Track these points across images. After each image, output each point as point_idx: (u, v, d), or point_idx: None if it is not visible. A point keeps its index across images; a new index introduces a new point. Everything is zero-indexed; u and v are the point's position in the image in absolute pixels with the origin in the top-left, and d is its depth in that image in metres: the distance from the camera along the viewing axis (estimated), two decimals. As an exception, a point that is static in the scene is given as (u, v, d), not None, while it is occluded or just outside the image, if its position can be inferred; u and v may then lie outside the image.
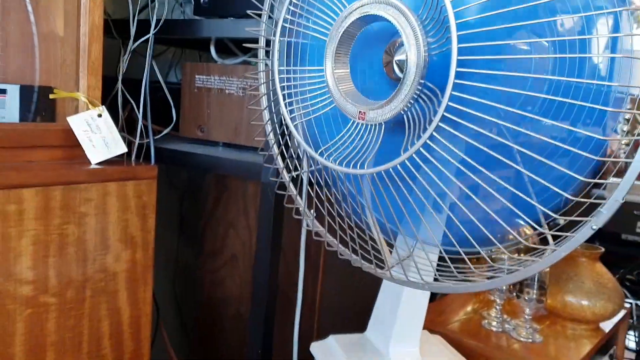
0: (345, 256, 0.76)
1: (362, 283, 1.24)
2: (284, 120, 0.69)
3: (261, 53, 0.80)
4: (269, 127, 0.82)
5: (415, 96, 0.57)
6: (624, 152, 0.58)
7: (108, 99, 1.03)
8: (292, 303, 1.11)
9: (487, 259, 0.60)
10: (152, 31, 1.02)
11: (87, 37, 0.88)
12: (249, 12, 0.78)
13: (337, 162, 0.65)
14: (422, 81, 0.56)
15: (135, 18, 1.03)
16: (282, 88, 0.69)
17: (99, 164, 0.89)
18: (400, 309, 0.83)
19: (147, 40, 1.03)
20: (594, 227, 0.53)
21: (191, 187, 1.44)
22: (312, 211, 0.77)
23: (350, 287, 1.25)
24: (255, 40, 1.07)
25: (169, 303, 1.47)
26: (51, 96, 0.90)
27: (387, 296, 0.87)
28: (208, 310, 1.31)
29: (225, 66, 1.09)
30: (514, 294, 1.12)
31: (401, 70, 0.62)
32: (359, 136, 0.64)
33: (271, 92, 0.78)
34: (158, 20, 1.02)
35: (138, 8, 1.06)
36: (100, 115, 0.90)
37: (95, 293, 0.86)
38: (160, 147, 1.05)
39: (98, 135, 0.89)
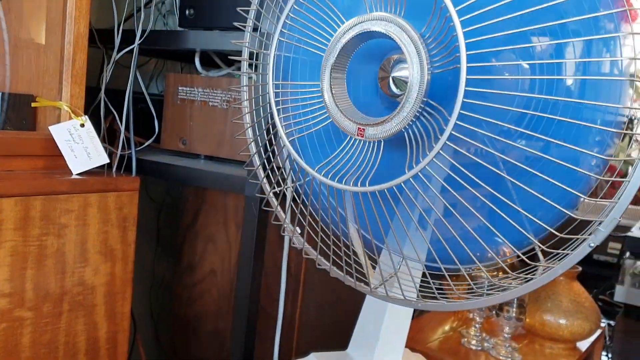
0: (336, 275, 0.75)
1: (343, 299, 1.23)
2: (280, 136, 0.68)
3: (244, 66, 0.79)
4: (253, 142, 0.82)
5: (417, 114, 0.57)
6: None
7: (90, 109, 1.02)
8: (271, 318, 1.10)
9: (486, 274, 0.60)
10: (137, 42, 1.01)
11: (72, 46, 0.87)
12: (235, 24, 0.78)
13: (336, 180, 0.64)
14: (425, 99, 0.57)
15: (121, 28, 1.02)
16: (277, 103, 0.69)
17: (80, 174, 0.87)
18: (384, 326, 0.83)
19: (130, 51, 1.02)
20: (592, 244, 0.54)
21: (169, 200, 1.43)
22: (297, 228, 0.76)
23: (331, 303, 1.24)
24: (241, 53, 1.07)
25: (145, 318, 1.44)
26: (33, 104, 0.88)
27: (371, 312, 0.86)
28: (185, 326, 1.29)
29: (210, 78, 1.08)
30: (493, 312, 1.12)
31: (397, 87, 0.62)
32: (356, 153, 0.64)
33: (258, 106, 0.78)
34: (143, 31, 1.01)
35: (123, 18, 1.05)
36: (82, 125, 0.88)
37: (72, 307, 0.84)
38: (141, 159, 1.04)
39: (80, 145, 0.88)
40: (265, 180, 0.78)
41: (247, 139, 0.79)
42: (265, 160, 0.77)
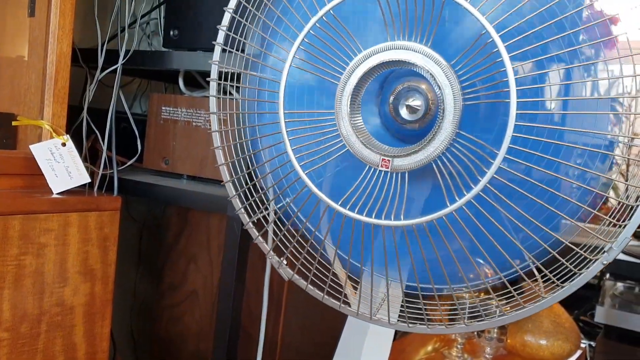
0: (328, 303, 0.75)
1: (325, 320, 1.23)
2: (295, 168, 0.65)
3: (213, 88, 0.78)
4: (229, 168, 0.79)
5: (449, 145, 0.57)
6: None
7: (72, 128, 1.01)
8: (253, 340, 1.09)
9: (497, 300, 0.61)
10: (120, 61, 1.01)
11: (54, 65, 0.87)
12: (214, 43, 0.76)
13: (364, 213, 0.62)
14: (458, 131, 0.57)
15: (104, 48, 1.03)
16: (289, 134, 0.65)
17: (60, 193, 0.86)
18: (365, 347, 0.83)
19: (114, 71, 1.03)
20: (605, 262, 0.56)
21: (151, 220, 1.42)
22: (282, 259, 0.74)
23: (314, 324, 1.24)
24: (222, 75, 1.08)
25: (125, 339, 1.42)
26: (14, 123, 0.87)
27: (352, 334, 0.86)
28: (166, 347, 1.28)
29: (193, 98, 1.09)
30: (475, 332, 1.12)
31: (410, 113, 0.62)
32: (378, 184, 0.62)
33: (242, 128, 0.77)
34: (127, 51, 1.02)
35: (107, 38, 1.06)
36: (64, 144, 0.88)
37: (50, 328, 0.83)
38: (123, 178, 1.03)
39: (61, 164, 0.87)
40: (244, 209, 0.76)
41: (220, 164, 0.77)
42: (246, 189, 0.75)
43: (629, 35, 0.66)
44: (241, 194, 0.74)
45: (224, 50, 0.74)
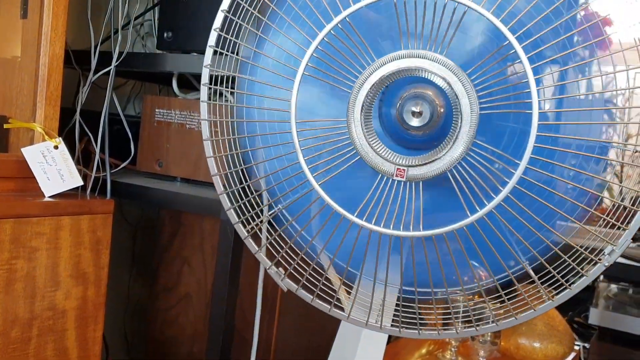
0: (321, 308, 0.74)
1: (319, 323, 1.22)
2: (308, 179, 0.63)
3: (204, 92, 0.76)
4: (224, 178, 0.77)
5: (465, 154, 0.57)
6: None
7: (65, 131, 1.01)
8: (247, 343, 1.09)
9: (506, 294, 0.61)
10: (113, 64, 1.00)
11: (47, 68, 0.86)
12: (212, 47, 0.74)
13: (382, 224, 0.62)
14: (475, 140, 0.57)
15: (97, 50, 1.02)
16: (302, 143, 0.64)
17: (52, 196, 0.86)
18: (359, 351, 0.83)
19: (107, 73, 1.02)
20: (606, 264, 0.57)
21: (145, 222, 1.41)
22: (280, 269, 0.73)
23: (307, 327, 1.23)
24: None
25: (118, 342, 1.41)
26: (6, 126, 0.87)
27: (345, 337, 0.86)
28: (160, 350, 1.27)
29: (187, 100, 1.08)
30: (469, 335, 1.12)
31: (417, 119, 0.62)
32: (391, 193, 0.62)
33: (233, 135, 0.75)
34: (120, 53, 1.01)
35: (100, 40, 1.05)
36: (56, 147, 0.88)
37: (42, 332, 0.83)
38: (117, 181, 1.03)
39: (53, 167, 0.87)
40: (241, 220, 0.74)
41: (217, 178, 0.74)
42: (246, 201, 0.72)
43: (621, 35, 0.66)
44: (237, 206, 0.72)
45: (216, 53, 0.72)
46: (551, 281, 0.66)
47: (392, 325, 0.73)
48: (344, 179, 0.66)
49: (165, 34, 1.07)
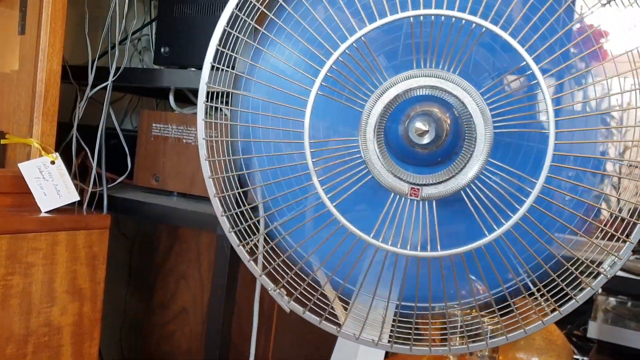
0: (312, 321, 0.74)
1: (316, 338, 1.22)
2: (324, 201, 0.62)
3: (201, 110, 0.75)
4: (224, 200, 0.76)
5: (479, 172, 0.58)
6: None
7: (62, 145, 1.01)
8: (244, 357, 1.08)
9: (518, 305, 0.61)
10: (110, 79, 1.01)
11: (44, 83, 0.87)
12: (214, 64, 0.71)
13: (390, 243, 0.62)
14: (489, 159, 0.58)
15: (94, 65, 1.02)
16: (315, 164, 0.62)
17: (49, 212, 0.86)
18: (357, 366, 0.82)
19: (104, 88, 1.02)
20: (609, 275, 0.59)
21: (142, 237, 1.41)
22: (282, 290, 0.72)
23: (304, 342, 1.23)
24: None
25: (115, 357, 1.40)
26: (3, 141, 0.87)
27: (342, 353, 0.85)
28: (155, 366, 1.26)
29: (184, 115, 1.09)
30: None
31: (421, 137, 0.62)
32: (405, 212, 0.62)
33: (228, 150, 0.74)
34: (117, 68, 1.02)
35: (97, 55, 1.06)
36: (53, 162, 0.88)
37: (37, 349, 0.82)
38: (113, 196, 1.03)
39: (50, 182, 0.87)
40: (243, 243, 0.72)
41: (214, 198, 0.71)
42: (251, 223, 0.71)
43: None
44: (237, 230, 0.71)
45: (214, 69, 0.71)
46: (552, 292, 0.66)
47: (392, 342, 0.73)
48: (352, 199, 0.65)
49: (162, 49, 1.08)
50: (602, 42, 0.65)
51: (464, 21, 0.58)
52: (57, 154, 0.89)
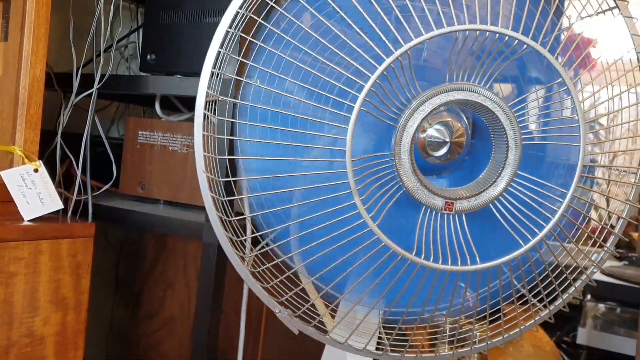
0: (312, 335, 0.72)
1: (305, 345, 1.21)
2: (364, 217, 0.60)
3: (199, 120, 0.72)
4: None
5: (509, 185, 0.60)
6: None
7: (46, 153, 1.00)
8: (231, 367, 1.07)
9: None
10: (95, 86, 1.00)
11: (27, 90, 0.86)
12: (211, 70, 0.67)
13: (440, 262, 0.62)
14: (519, 172, 0.60)
15: (79, 72, 1.02)
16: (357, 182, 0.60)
17: (32, 220, 0.85)
18: (343, 375, 0.81)
19: (89, 95, 1.01)
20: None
21: (128, 246, 1.40)
22: (289, 310, 0.70)
23: (293, 348, 1.22)
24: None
25: (100, 367, 1.39)
26: (-16, 149, 0.86)
27: (331, 358, 0.85)
28: (142, 376, 1.25)
29: (170, 122, 1.08)
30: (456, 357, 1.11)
31: (433, 150, 0.62)
32: (437, 225, 0.62)
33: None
34: (103, 75, 1.01)
35: (82, 62, 1.05)
36: (36, 170, 0.87)
37: (19, 359, 0.81)
38: (99, 204, 1.02)
39: (33, 190, 0.86)
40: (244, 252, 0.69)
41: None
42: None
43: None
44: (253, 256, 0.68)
45: (213, 75, 0.67)
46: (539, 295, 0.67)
47: (376, 349, 0.73)
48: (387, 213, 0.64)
49: (148, 56, 1.07)
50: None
51: (507, 37, 0.59)
52: (40, 161, 0.88)
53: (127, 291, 1.34)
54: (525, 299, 0.70)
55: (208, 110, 0.67)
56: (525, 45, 0.59)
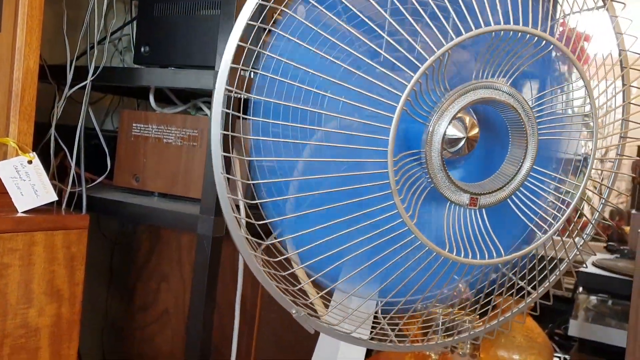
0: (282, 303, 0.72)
1: (299, 338, 1.22)
2: (402, 217, 0.59)
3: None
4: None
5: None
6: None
7: (40, 145, 1.00)
8: (225, 358, 1.08)
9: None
10: (89, 78, 1.00)
11: (21, 82, 0.86)
12: (233, 65, 0.61)
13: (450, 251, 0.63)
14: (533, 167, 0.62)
15: (73, 64, 1.01)
16: (397, 182, 0.60)
17: (26, 212, 0.85)
18: (338, 364, 0.82)
19: (83, 87, 1.01)
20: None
21: (123, 238, 1.40)
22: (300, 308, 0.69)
23: (287, 341, 1.23)
24: (201, 92, 1.07)
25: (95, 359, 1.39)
26: (-22, 141, 0.86)
27: (324, 351, 0.85)
28: (137, 368, 1.25)
29: (164, 115, 1.08)
30: (449, 348, 1.12)
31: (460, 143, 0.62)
32: (461, 220, 0.64)
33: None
34: (97, 67, 1.01)
35: (76, 54, 1.05)
36: (30, 162, 0.87)
37: (14, 351, 0.81)
38: (93, 196, 1.02)
39: (27, 182, 0.86)
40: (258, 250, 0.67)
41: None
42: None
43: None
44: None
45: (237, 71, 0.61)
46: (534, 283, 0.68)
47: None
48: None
49: (142, 49, 1.07)
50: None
51: (536, 38, 0.60)
52: (34, 153, 0.88)
53: (121, 283, 1.35)
54: (512, 284, 0.72)
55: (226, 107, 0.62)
56: (552, 46, 0.61)
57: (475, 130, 0.62)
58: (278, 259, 0.67)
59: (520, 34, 0.60)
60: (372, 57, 0.58)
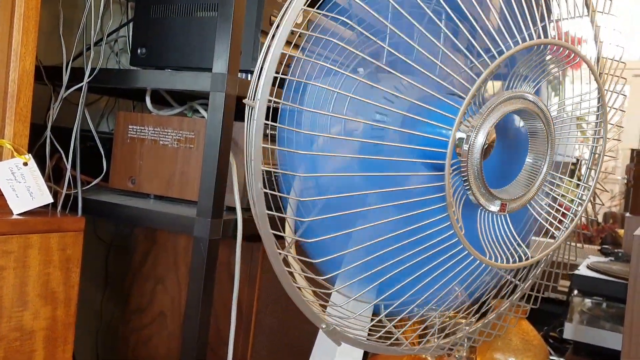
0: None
1: (295, 340, 1.21)
2: (456, 230, 0.60)
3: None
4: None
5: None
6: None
7: (35, 147, 0.99)
8: (221, 362, 1.07)
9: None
10: (85, 80, 1.00)
11: (17, 83, 0.85)
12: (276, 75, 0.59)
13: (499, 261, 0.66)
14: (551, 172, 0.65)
15: (69, 66, 1.01)
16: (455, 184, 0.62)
17: (21, 214, 0.84)
18: (334, 367, 0.82)
19: (79, 88, 1.01)
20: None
21: (119, 240, 1.39)
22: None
23: (283, 344, 1.22)
24: (198, 94, 1.07)
25: (89, 363, 1.38)
26: (-27, 142, 0.85)
27: (321, 353, 0.85)
28: (132, 370, 1.25)
29: (160, 117, 1.08)
30: (445, 350, 1.12)
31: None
32: (492, 225, 0.65)
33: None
34: (93, 69, 1.00)
35: (72, 56, 1.04)
36: (26, 164, 0.86)
37: (8, 354, 0.80)
38: (88, 199, 1.01)
39: (22, 184, 0.85)
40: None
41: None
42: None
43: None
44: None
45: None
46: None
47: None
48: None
49: (138, 50, 1.07)
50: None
51: (562, 49, 0.64)
52: (29, 155, 0.87)
53: (117, 286, 1.34)
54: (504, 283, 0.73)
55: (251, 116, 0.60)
56: (578, 58, 0.64)
57: (494, 137, 0.62)
58: (322, 278, 0.66)
59: (549, 45, 0.62)
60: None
